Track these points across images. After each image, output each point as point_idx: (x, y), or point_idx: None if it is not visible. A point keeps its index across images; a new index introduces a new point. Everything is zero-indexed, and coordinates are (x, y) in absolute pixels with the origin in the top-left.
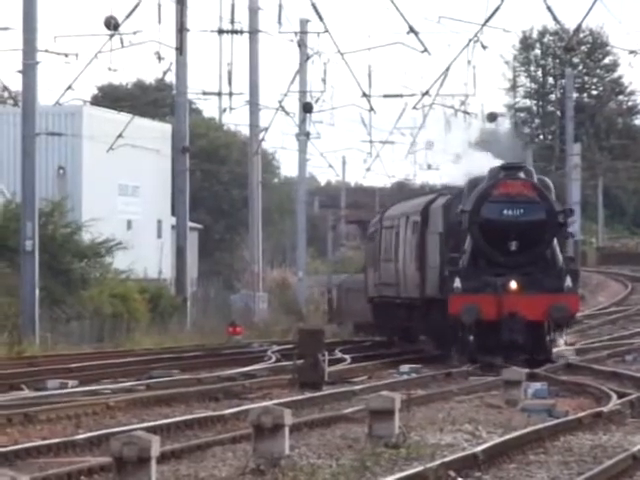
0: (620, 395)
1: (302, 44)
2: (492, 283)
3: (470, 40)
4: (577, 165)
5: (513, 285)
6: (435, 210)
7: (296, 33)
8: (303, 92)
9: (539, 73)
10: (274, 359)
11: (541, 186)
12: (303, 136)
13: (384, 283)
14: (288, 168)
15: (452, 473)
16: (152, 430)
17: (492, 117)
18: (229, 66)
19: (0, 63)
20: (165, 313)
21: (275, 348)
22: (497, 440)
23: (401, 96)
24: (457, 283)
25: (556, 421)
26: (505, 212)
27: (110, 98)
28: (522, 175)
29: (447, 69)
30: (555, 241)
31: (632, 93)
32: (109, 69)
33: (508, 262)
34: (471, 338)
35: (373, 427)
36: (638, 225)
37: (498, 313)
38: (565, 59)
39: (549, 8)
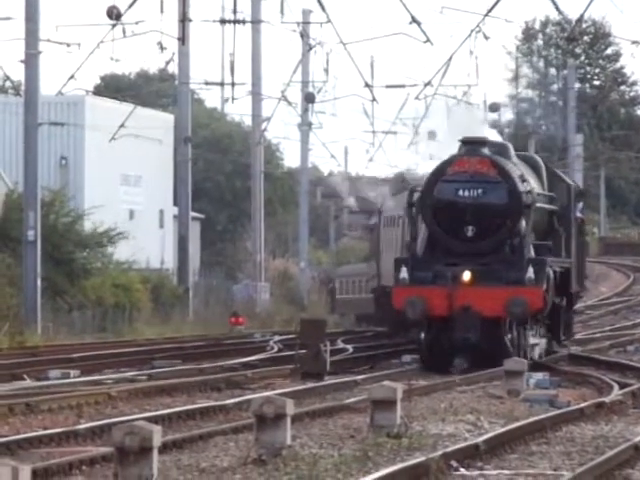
0: (622, 385)
1: (305, 34)
2: (443, 274)
3: (472, 30)
4: (579, 156)
5: (466, 276)
6: None
7: (299, 23)
8: (305, 82)
9: (541, 63)
10: (276, 349)
11: (505, 163)
12: (305, 126)
13: (384, 273)
14: (290, 158)
15: (454, 463)
16: (154, 420)
17: (494, 107)
18: (231, 56)
19: (2, 53)
20: (167, 303)
21: (277, 338)
22: (499, 430)
23: (403, 86)
24: (403, 273)
25: (558, 411)
26: (460, 193)
27: (112, 88)
28: (484, 151)
29: (449, 59)
30: (523, 226)
31: (634, 83)
32: (111, 59)
33: (465, 250)
34: (422, 336)
35: (375, 417)
36: None
37: (449, 308)
38: (567, 49)
39: None
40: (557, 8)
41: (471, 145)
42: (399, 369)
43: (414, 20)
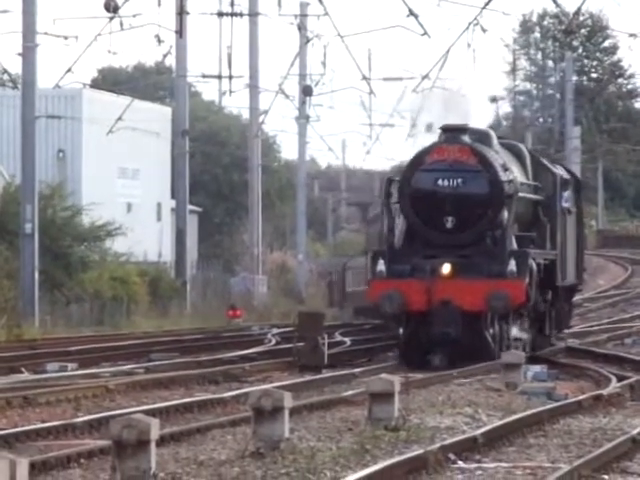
0: (620, 378)
1: (302, 27)
2: (422, 267)
3: (470, 23)
4: (577, 148)
5: (446, 269)
6: None
7: (296, 16)
8: (303, 75)
9: (539, 56)
10: (274, 342)
11: (486, 151)
12: (303, 119)
13: None
14: (288, 151)
15: (452, 456)
16: (151, 413)
17: (492, 100)
18: (229, 49)
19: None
20: (165, 296)
21: (275, 331)
22: (497, 423)
23: (401, 79)
24: (380, 266)
25: (556, 404)
26: (440, 182)
27: (110, 81)
28: (465, 139)
29: (447, 52)
30: (505, 217)
31: (632, 76)
32: (109, 52)
33: (444, 242)
34: (400, 331)
35: (373, 410)
36: (638, 208)
37: (428, 302)
38: (565, 42)
39: None
40: (554, 1)
41: (451, 132)
42: (396, 362)
43: (411, 13)
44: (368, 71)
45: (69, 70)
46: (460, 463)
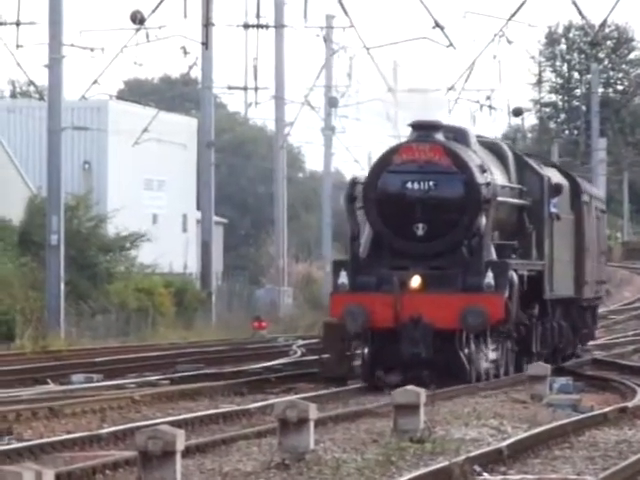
0: None
1: (328, 39)
2: (389, 279)
3: (495, 35)
4: (602, 160)
5: (415, 282)
6: None
7: (322, 28)
8: (329, 87)
9: (564, 68)
10: (299, 354)
11: (461, 151)
12: (328, 131)
13: None
14: (314, 163)
15: (477, 468)
16: (177, 424)
17: (517, 112)
18: (255, 60)
19: (26, 57)
20: (190, 307)
21: (300, 343)
22: (522, 435)
23: (426, 91)
24: (343, 278)
25: (581, 416)
26: (409, 185)
27: (136, 92)
28: (438, 137)
29: (472, 64)
30: (483, 223)
31: None
32: (135, 63)
33: (414, 252)
34: (365, 351)
35: (398, 421)
36: None
37: (395, 318)
38: (590, 54)
39: (574, 3)
40: (580, 13)
41: (422, 130)
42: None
43: (437, 25)
44: (394, 82)
45: (95, 82)
46: (485, 475)
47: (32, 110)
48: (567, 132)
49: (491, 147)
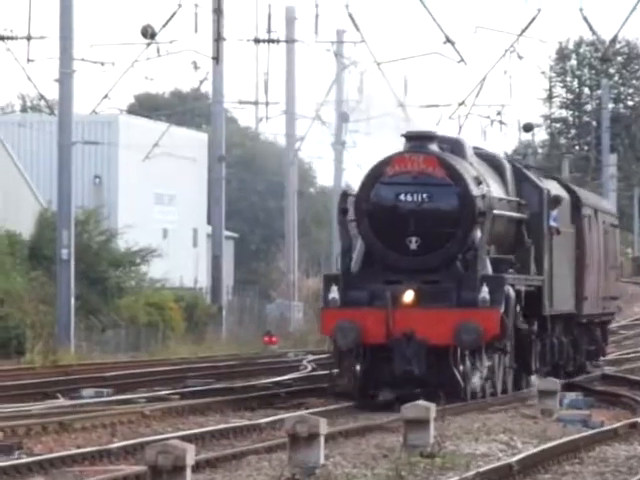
0: None
1: (338, 54)
2: (381, 294)
3: (506, 50)
4: (613, 176)
5: (408, 297)
6: None
7: (333, 43)
8: (339, 102)
9: (575, 83)
10: (310, 368)
11: (456, 162)
12: (339, 145)
13: None
14: (324, 177)
15: None
16: (187, 439)
17: (528, 128)
18: (265, 75)
19: (37, 72)
20: (200, 322)
21: (311, 357)
22: (532, 450)
23: (437, 106)
24: (333, 293)
25: (591, 431)
26: (402, 197)
27: (147, 107)
28: (432, 148)
29: (483, 79)
30: (478, 237)
31: None
32: (146, 78)
33: (408, 266)
34: (357, 367)
35: (408, 436)
36: None
37: (387, 334)
38: (601, 69)
39: (585, 18)
40: (591, 28)
41: (416, 140)
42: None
43: (448, 40)
44: (404, 98)
45: (106, 96)
46: None
47: (43, 124)
48: (578, 148)
49: (488, 159)
